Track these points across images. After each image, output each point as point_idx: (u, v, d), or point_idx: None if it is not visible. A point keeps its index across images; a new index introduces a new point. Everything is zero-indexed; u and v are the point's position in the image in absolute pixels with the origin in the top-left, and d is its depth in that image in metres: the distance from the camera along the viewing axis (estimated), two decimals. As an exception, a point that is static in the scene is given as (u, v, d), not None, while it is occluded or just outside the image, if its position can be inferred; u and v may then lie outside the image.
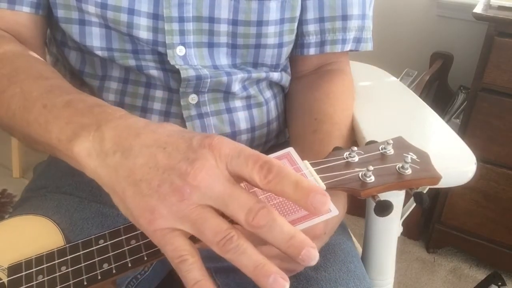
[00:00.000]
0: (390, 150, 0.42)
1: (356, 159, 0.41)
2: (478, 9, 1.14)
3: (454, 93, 1.52)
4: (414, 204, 0.67)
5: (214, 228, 0.32)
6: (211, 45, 0.55)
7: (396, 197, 0.59)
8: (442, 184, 0.52)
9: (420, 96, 0.79)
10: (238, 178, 0.34)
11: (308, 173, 0.39)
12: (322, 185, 0.38)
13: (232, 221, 0.33)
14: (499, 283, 1.31)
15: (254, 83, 0.60)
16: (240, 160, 0.33)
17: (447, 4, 1.55)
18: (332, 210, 0.35)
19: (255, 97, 0.60)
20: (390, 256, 0.63)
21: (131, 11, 0.51)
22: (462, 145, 0.55)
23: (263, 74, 0.59)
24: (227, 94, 0.58)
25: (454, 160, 0.52)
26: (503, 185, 1.27)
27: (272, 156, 0.39)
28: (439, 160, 0.52)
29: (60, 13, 0.52)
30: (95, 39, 0.53)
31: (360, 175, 0.40)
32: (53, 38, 0.59)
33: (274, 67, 0.60)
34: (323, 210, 0.32)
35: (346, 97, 0.61)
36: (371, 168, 0.39)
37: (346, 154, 0.41)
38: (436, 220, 1.44)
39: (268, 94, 0.62)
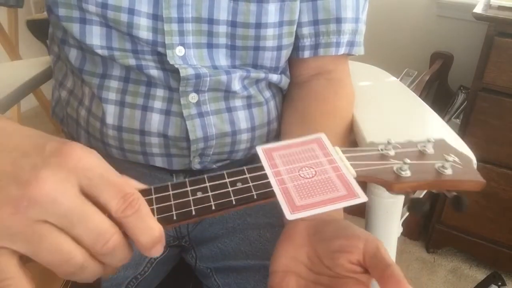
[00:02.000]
0: (430, 149, 0.40)
1: (392, 152, 0.39)
2: (478, 9, 1.14)
3: (454, 93, 1.52)
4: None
5: (52, 249, 0.28)
6: (210, 46, 0.55)
7: (397, 197, 0.59)
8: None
9: (420, 96, 0.79)
10: (89, 198, 0.30)
11: (338, 159, 0.38)
12: (352, 172, 0.37)
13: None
14: (499, 283, 1.31)
15: (253, 83, 0.60)
16: (101, 183, 0.30)
17: (447, 4, 1.55)
18: (361, 196, 0.34)
19: (255, 97, 0.60)
20: (390, 256, 0.63)
21: (131, 11, 0.51)
22: (462, 145, 0.55)
23: (262, 75, 0.59)
24: (228, 93, 0.58)
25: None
26: (503, 185, 1.27)
27: (302, 139, 0.39)
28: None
29: (62, 11, 0.53)
30: (95, 38, 0.53)
31: (395, 168, 0.38)
32: (54, 36, 0.60)
33: (274, 70, 0.60)
34: (154, 255, 0.31)
35: (349, 113, 0.62)
36: (408, 161, 0.37)
37: (381, 147, 0.40)
38: (436, 220, 1.44)
39: (267, 94, 0.62)
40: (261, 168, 0.37)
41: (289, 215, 0.33)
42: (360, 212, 0.57)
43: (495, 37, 1.11)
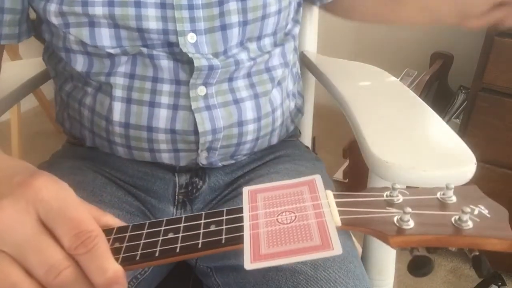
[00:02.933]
0: (452, 198, 0.34)
1: (400, 199, 0.34)
2: (478, 9, 1.14)
3: (454, 93, 1.52)
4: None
5: (0, 277, 0.28)
6: (223, 28, 0.56)
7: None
8: (441, 184, 0.52)
9: (420, 96, 0.79)
10: (48, 230, 0.30)
11: (325, 204, 0.34)
12: (336, 219, 0.33)
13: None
14: (499, 283, 1.30)
15: (262, 72, 0.61)
16: (57, 216, 0.30)
17: (447, 4, 1.55)
18: (334, 249, 0.31)
19: (260, 86, 0.61)
20: (390, 256, 0.63)
21: (138, 4, 0.52)
22: (462, 145, 0.55)
23: (266, 56, 0.60)
24: (231, 82, 0.59)
25: (454, 159, 0.53)
26: (503, 185, 1.27)
27: (294, 181, 0.37)
28: (439, 160, 0.52)
29: (71, 19, 0.53)
30: (105, 39, 0.54)
31: (396, 218, 0.32)
32: (54, 47, 0.60)
33: (273, 34, 0.62)
34: None
35: None
36: (408, 210, 0.31)
37: (387, 192, 0.34)
38: (436, 220, 1.43)
39: (269, 83, 0.63)
40: (241, 210, 0.35)
41: (248, 265, 0.31)
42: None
43: (495, 37, 1.11)
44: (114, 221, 0.35)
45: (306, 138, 0.89)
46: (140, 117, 0.57)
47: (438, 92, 1.57)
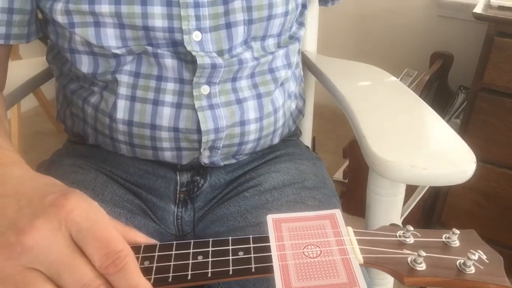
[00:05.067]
0: (455, 242, 0.38)
1: (411, 240, 0.37)
2: (478, 9, 1.14)
3: (454, 93, 1.52)
4: (414, 203, 0.67)
5: None
6: (228, 26, 0.56)
7: (397, 196, 0.59)
8: (442, 183, 0.52)
9: (420, 96, 0.79)
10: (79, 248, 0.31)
11: (347, 240, 0.37)
12: (359, 257, 0.35)
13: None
14: (499, 283, 1.30)
15: (265, 72, 0.62)
16: (87, 236, 0.31)
17: (447, 4, 1.56)
18: (361, 287, 0.33)
19: (263, 86, 0.62)
20: (390, 256, 0.63)
21: (144, 2, 0.52)
22: (462, 144, 0.55)
23: (269, 57, 0.61)
24: (234, 82, 0.59)
25: (454, 159, 0.53)
26: (503, 185, 1.27)
27: (316, 213, 0.39)
28: (439, 159, 0.53)
29: (76, 18, 0.54)
30: (111, 39, 0.54)
31: (409, 259, 0.36)
32: (60, 47, 0.60)
33: (278, 35, 0.62)
34: None
35: None
36: (422, 253, 0.35)
37: (400, 232, 0.38)
38: (436, 220, 1.44)
39: (272, 84, 0.63)
40: (267, 239, 0.37)
41: None
42: (360, 212, 0.57)
43: (495, 37, 1.11)
44: (139, 236, 0.37)
45: (306, 138, 0.90)
46: (144, 115, 0.57)
47: (438, 92, 1.57)
